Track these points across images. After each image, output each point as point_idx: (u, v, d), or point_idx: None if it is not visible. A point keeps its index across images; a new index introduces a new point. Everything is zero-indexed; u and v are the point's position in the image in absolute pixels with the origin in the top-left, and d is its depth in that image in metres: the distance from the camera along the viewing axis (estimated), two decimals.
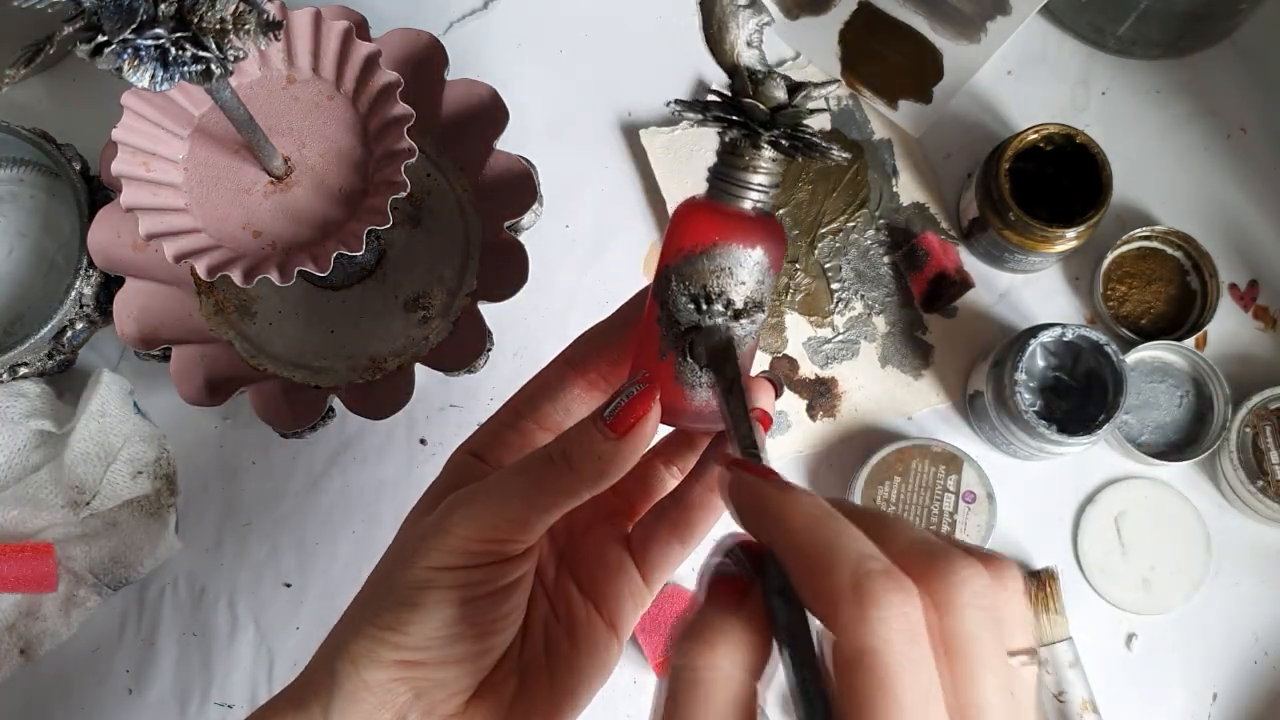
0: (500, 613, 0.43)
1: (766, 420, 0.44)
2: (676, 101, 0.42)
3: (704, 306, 0.41)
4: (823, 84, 0.41)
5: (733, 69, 0.42)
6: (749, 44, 0.42)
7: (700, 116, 0.41)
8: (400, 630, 0.41)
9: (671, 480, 0.48)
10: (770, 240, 0.42)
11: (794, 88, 0.41)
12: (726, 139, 0.41)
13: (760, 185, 0.42)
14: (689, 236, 0.42)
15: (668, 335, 0.42)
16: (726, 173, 0.42)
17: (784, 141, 0.41)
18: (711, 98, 0.42)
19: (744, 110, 0.41)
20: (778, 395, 0.45)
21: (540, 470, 0.41)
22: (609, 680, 0.67)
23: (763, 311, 0.42)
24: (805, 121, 0.41)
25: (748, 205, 0.42)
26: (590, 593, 0.47)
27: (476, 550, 0.41)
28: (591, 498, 0.42)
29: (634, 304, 0.46)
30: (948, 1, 0.71)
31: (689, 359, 0.42)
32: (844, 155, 0.42)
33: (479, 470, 0.46)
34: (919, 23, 0.72)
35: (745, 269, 0.42)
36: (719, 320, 0.41)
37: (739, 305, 0.42)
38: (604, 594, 0.46)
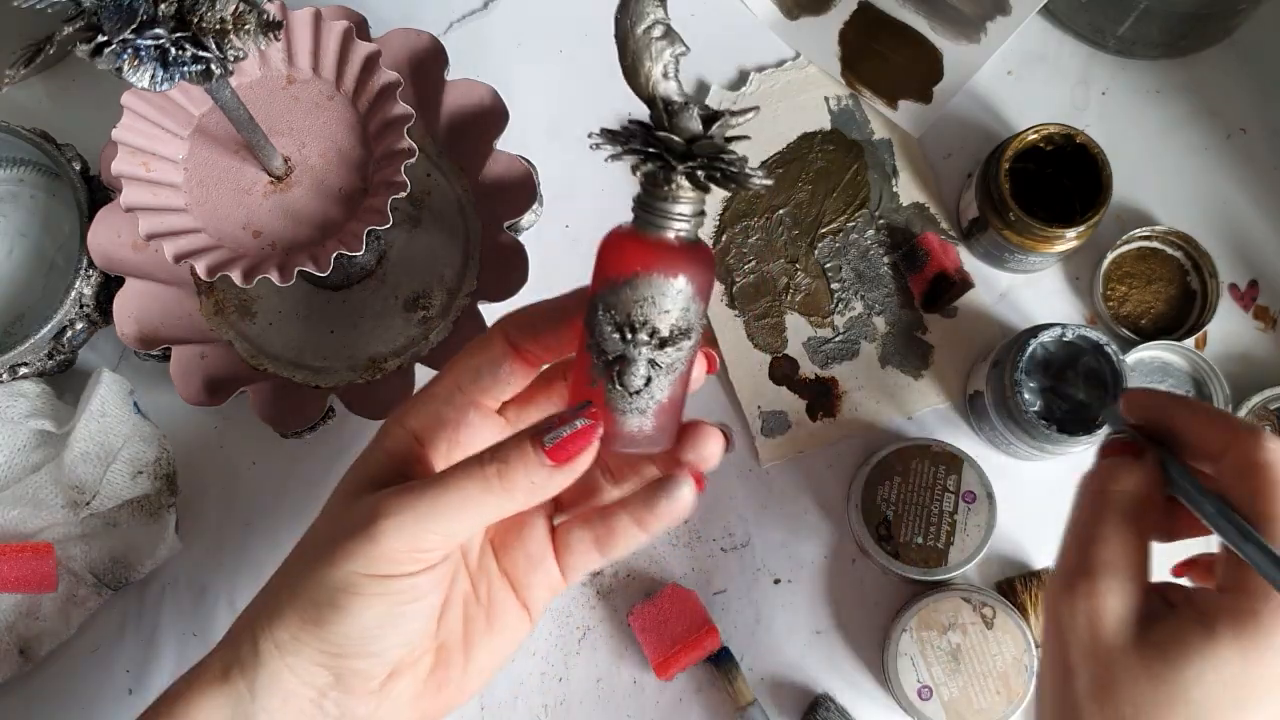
0: (418, 613, 0.44)
1: (698, 479, 0.46)
2: (599, 132, 0.42)
3: (628, 336, 0.42)
4: (741, 111, 0.42)
5: (649, 100, 0.42)
6: (665, 75, 0.42)
7: (616, 149, 0.42)
8: (323, 626, 0.43)
9: (608, 489, 0.49)
10: (694, 267, 0.42)
11: (710, 118, 0.41)
12: (643, 171, 0.42)
13: (681, 215, 0.42)
14: (612, 266, 0.43)
15: (597, 363, 0.43)
16: (648, 203, 0.42)
17: (700, 173, 0.41)
18: (631, 127, 0.42)
19: (660, 142, 0.41)
20: (728, 448, 0.47)
21: (473, 486, 0.42)
22: (609, 680, 0.67)
23: (689, 338, 0.43)
24: (725, 151, 0.41)
25: (670, 235, 0.42)
26: (511, 576, 0.48)
27: (402, 560, 0.43)
28: None
29: (576, 296, 0.47)
30: (948, 1, 0.71)
31: (618, 386, 0.42)
32: (764, 183, 0.42)
33: (413, 451, 0.47)
34: (919, 23, 0.72)
35: (668, 297, 0.42)
36: (643, 349, 0.42)
37: (664, 334, 0.42)
38: (524, 580, 0.48)
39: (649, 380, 0.43)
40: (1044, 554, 0.68)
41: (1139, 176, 0.71)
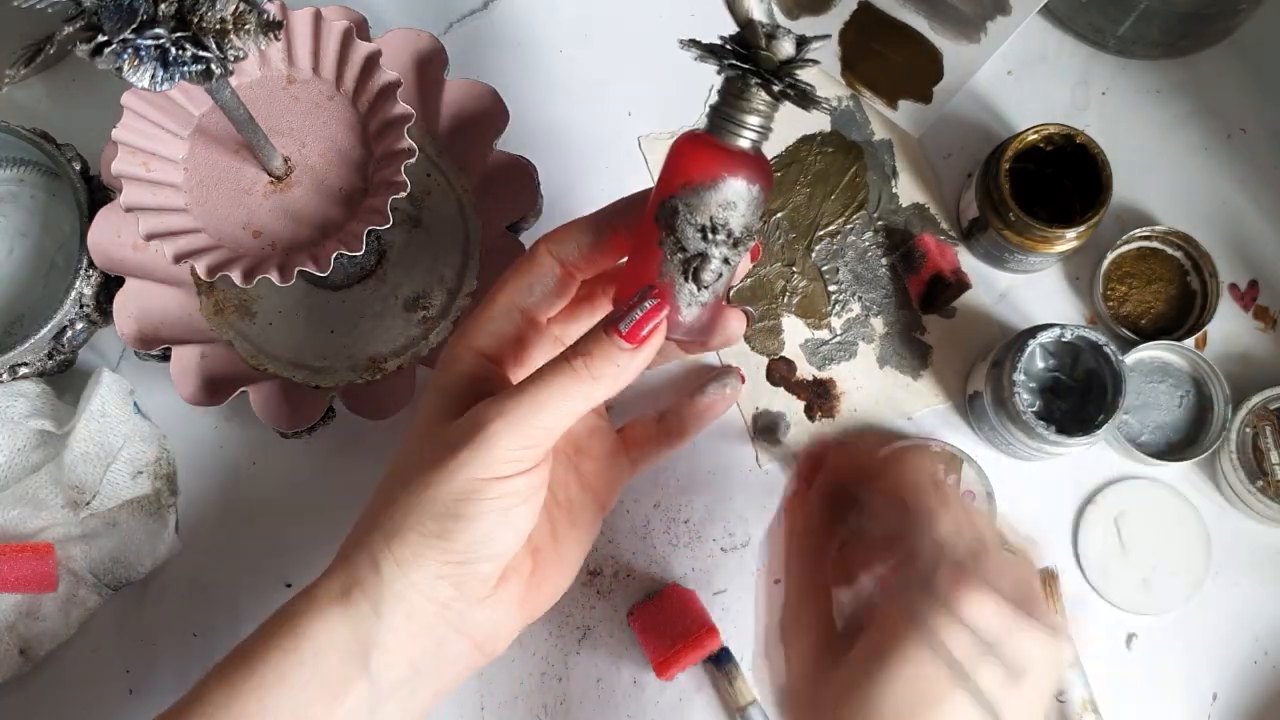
0: (531, 511, 0.47)
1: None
2: (691, 42, 0.46)
3: (709, 236, 0.46)
4: (818, 36, 0.45)
5: (746, 22, 0.45)
6: (760, 1, 0.45)
7: (717, 62, 0.45)
8: (446, 538, 0.46)
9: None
10: (766, 177, 0.46)
11: (801, 41, 0.45)
12: (737, 84, 0.45)
13: (760, 126, 0.46)
14: (697, 170, 0.46)
15: (671, 260, 0.46)
16: (730, 113, 0.46)
17: (790, 91, 0.44)
18: (723, 43, 0.45)
19: (757, 60, 0.44)
20: (750, 323, 0.55)
21: (564, 381, 0.46)
22: (609, 680, 0.67)
23: (753, 240, 0.48)
24: (801, 76, 0.45)
25: (747, 144, 0.46)
26: (584, 474, 0.54)
27: (514, 458, 0.46)
28: None
29: (618, 208, 0.50)
30: (947, 1, 0.71)
31: (691, 281, 0.46)
32: (831, 105, 0.46)
33: (489, 371, 0.50)
34: (919, 23, 0.72)
35: (745, 202, 0.46)
36: (721, 248, 0.46)
37: (737, 234, 0.46)
38: (599, 483, 0.54)
39: (719, 275, 0.47)
40: (1045, 554, 0.68)
41: (1139, 176, 0.71)
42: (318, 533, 0.68)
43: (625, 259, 0.49)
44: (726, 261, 0.46)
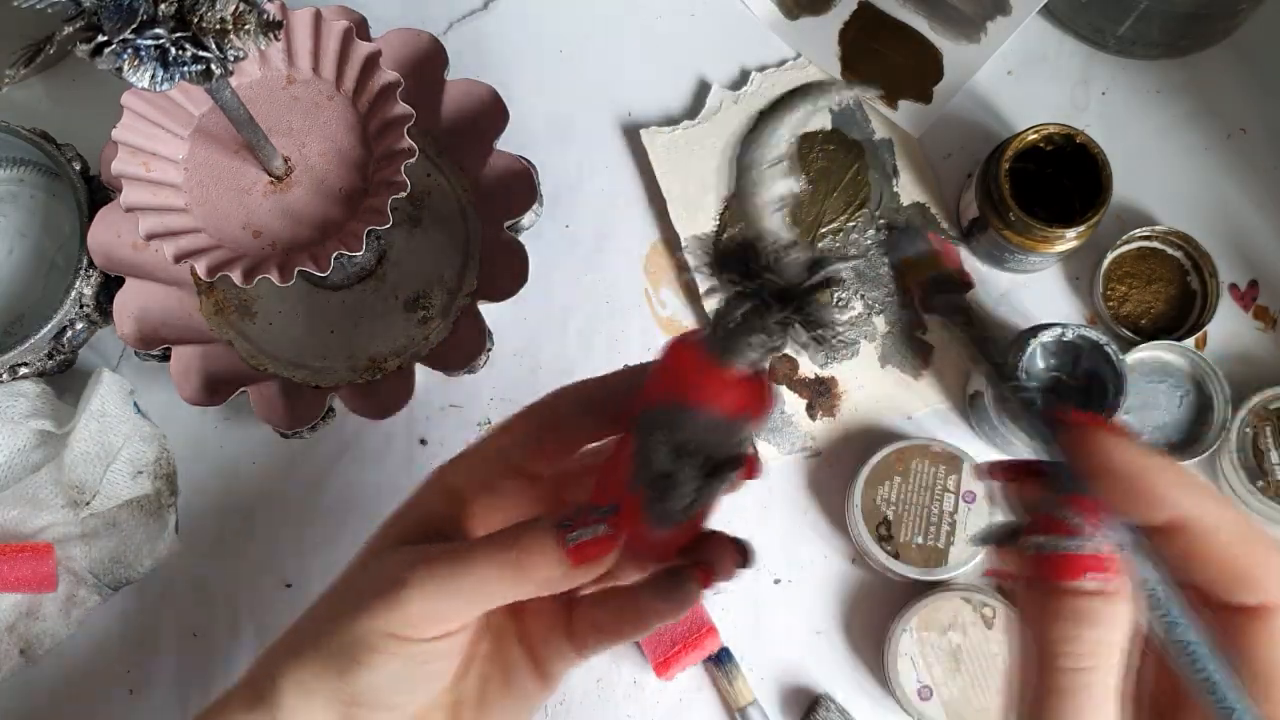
0: (436, 672, 0.45)
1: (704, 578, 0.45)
2: (696, 244, 0.40)
3: (680, 459, 0.41)
4: (844, 257, 0.39)
5: (756, 235, 0.39)
6: (774, 210, 0.39)
7: (715, 281, 0.39)
8: (342, 677, 0.44)
9: (630, 572, 0.48)
10: (760, 406, 0.41)
11: (816, 261, 0.38)
12: (736, 305, 0.39)
13: (764, 351, 0.39)
14: (682, 388, 0.40)
15: (641, 474, 0.41)
16: (731, 331, 0.39)
17: (796, 322, 0.39)
18: (732, 251, 0.39)
19: (761, 281, 0.38)
20: (745, 563, 0.47)
21: (493, 569, 0.43)
22: (609, 680, 0.67)
23: (739, 467, 0.42)
24: (824, 314, 0.39)
25: (745, 368, 0.40)
26: (528, 645, 0.49)
27: (420, 625, 0.43)
28: None
29: (622, 379, 0.46)
30: (948, 1, 0.71)
31: (658, 504, 0.41)
32: (851, 344, 0.39)
33: (450, 512, 0.47)
34: (919, 23, 0.72)
35: (731, 433, 0.41)
36: (693, 476, 0.41)
37: (712, 463, 0.41)
38: (540, 651, 0.48)
39: (691, 502, 0.41)
40: None
41: (1139, 176, 0.71)
42: (317, 533, 0.68)
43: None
44: (699, 492, 0.41)
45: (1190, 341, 0.68)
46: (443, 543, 0.46)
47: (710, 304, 0.69)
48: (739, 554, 0.46)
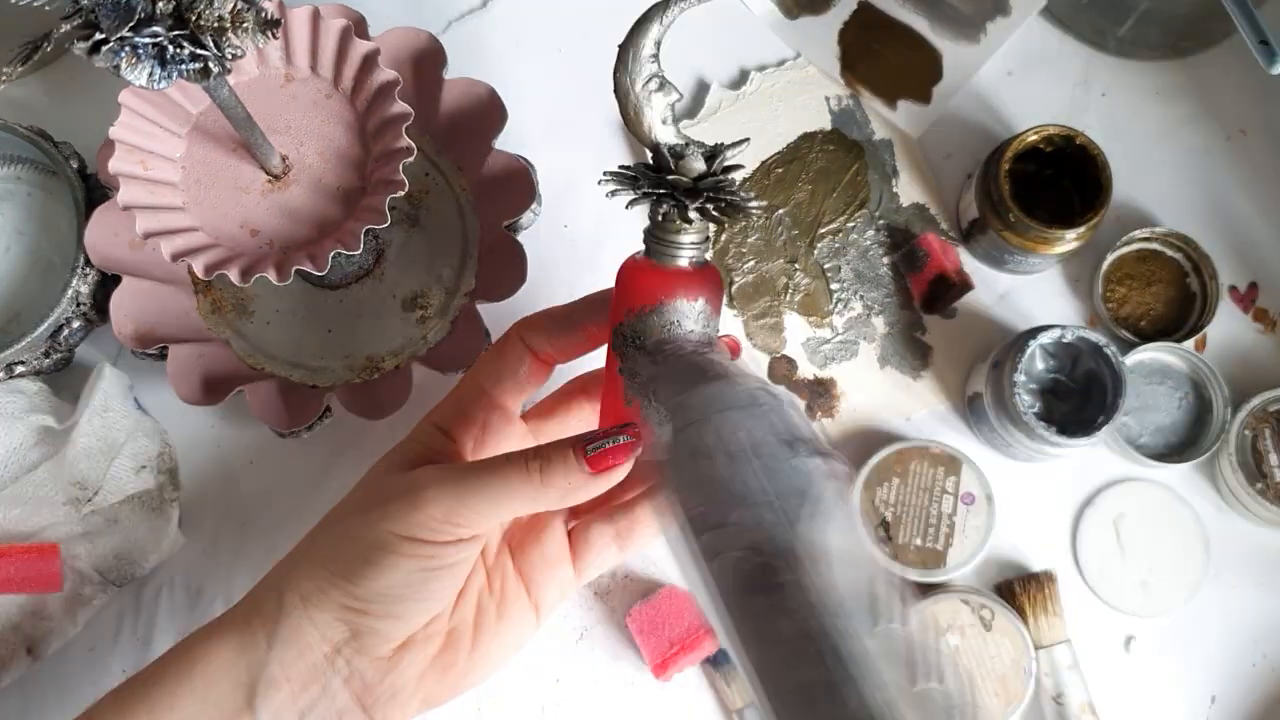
0: (443, 584, 0.47)
1: (735, 347, 0.51)
2: (606, 174, 0.46)
3: (659, 357, 0.46)
4: (734, 144, 0.46)
5: (653, 146, 0.46)
6: (663, 122, 0.46)
7: (632, 194, 0.46)
8: (353, 580, 0.46)
9: (625, 490, 0.52)
10: (709, 289, 0.47)
11: (711, 154, 0.46)
12: (657, 209, 0.46)
13: (693, 243, 0.46)
14: (636, 296, 0.46)
15: (631, 384, 0.46)
16: (662, 236, 0.46)
17: (709, 207, 0.45)
18: (637, 170, 0.46)
19: (669, 184, 0.45)
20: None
21: (514, 476, 0.46)
22: (606, 681, 0.67)
23: (711, 346, 0.47)
24: (727, 186, 0.45)
25: (684, 262, 0.47)
26: (524, 575, 0.52)
27: (438, 528, 0.46)
28: None
29: (589, 304, 0.51)
30: (948, 2, 0.71)
31: (654, 402, 0.46)
32: (759, 204, 0.46)
33: (445, 447, 0.51)
34: (919, 23, 0.72)
35: (690, 319, 0.46)
36: None
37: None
38: (537, 579, 0.52)
39: None
40: (1042, 556, 0.67)
41: (1139, 178, 0.71)
42: None
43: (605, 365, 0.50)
44: None
45: (1190, 343, 0.68)
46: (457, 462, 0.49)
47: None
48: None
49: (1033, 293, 0.70)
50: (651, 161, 0.46)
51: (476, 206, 0.68)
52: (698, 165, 0.45)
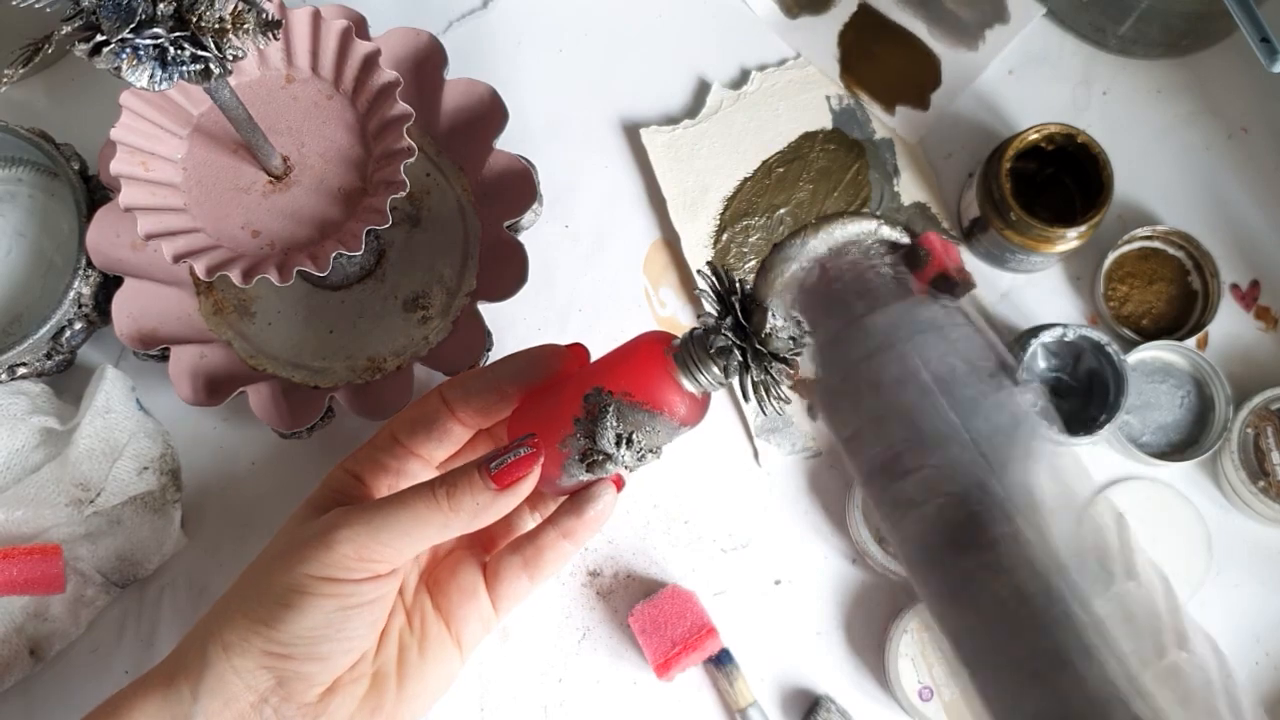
0: (363, 622, 0.47)
1: (618, 482, 0.51)
2: (707, 271, 0.46)
3: (622, 448, 0.47)
4: (806, 338, 0.46)
5: (760, 302, 0.45)
6: (779, 292, 0.45)
7: (718, 317, 0.46)
8: (272, 625, 0.46)
9: (531, 521, 0.54)
10: (698, 420, 0.48)
11: (794, 342, 0.46)
12: (724, 348, 0.46)
13: (721, 382, 0.47)
14: (644, 391, 0.47)
15: (576, 440, 0.48)
16: (701, 360, 0.47)
17: (760, 385, 0.46)
18: (733, 293, 0.46)
19: (750, 343, 0.45)
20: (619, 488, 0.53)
21: (422, 505, 0.47)
22: (608, 681, 0.67)
23: (657, 457, 0.49)
24: (778, 383, 0.46)
25: (698, 391, 0.47)
26: (444, 611, 0.52)
27: (353, 565, 0.46)
28: None
29: (508, 370, 0.51)
30: (947, 8, 0.71)
31: (585, 469, 0.48)
32: (784, 402, 0.46)
33: (357, 490, 0.52)
34: (918, 28, 0.72)
35: (669, 435, 0.48)
36: (628, 459, 0.48)
37: (645, 453, 0.48)
38: (456, 614, 0.52)
39: (609, 473, 0.49)
40: None
41: (1140, 176, 0.71)
42: None
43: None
44: (626, 469, 0.48)
45: (1191, 342, 0.68)
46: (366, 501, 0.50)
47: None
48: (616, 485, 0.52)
49: (1034, 291, 0.70)
50: (743, 305, 0.46)
51: (477, 207, 0.68)
52: (779, 344, 0.45)
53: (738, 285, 0.46)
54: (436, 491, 0.47)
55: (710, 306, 0.46)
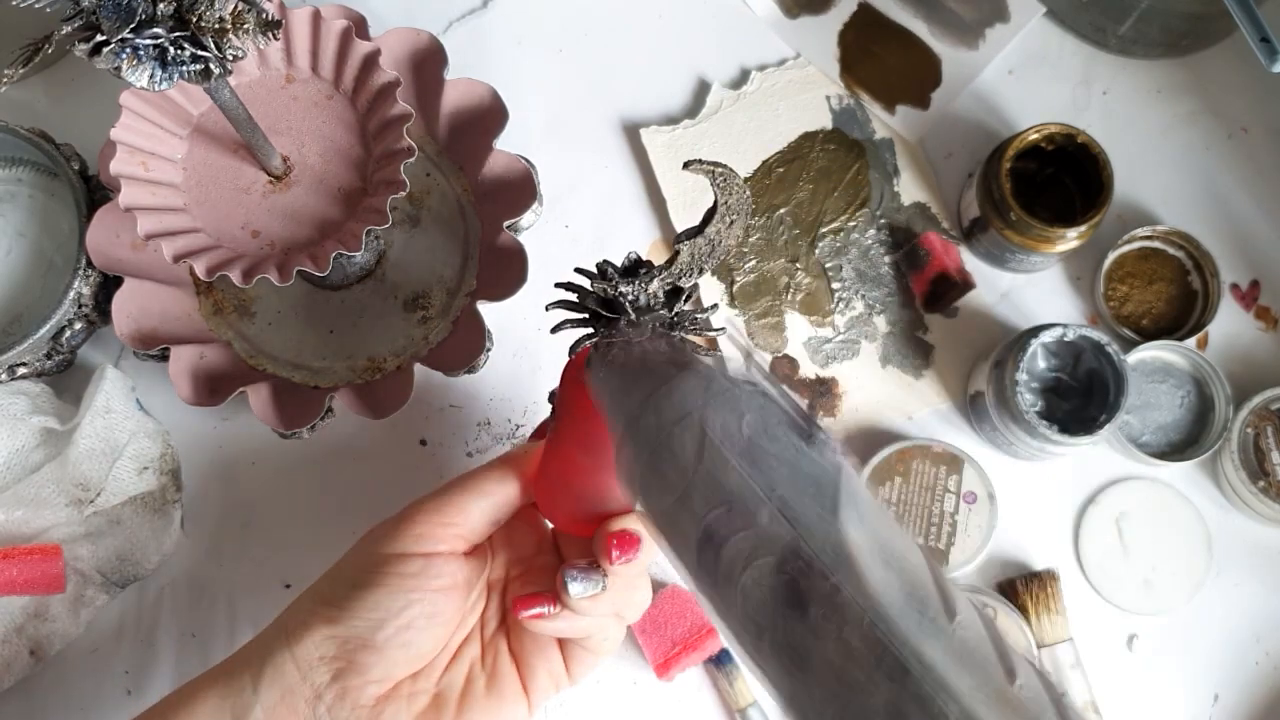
0: (422, 612, 0.47)
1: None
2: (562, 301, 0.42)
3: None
4: (681, 278, 0.42)
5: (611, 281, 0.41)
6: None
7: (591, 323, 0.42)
8: (335, 604, 0.47)
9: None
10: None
11: (670, 289, 0.41)
12: (604, 343, 0.42)
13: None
14: (577, 412, 0.44)
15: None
16: (600, 359, 0.42)
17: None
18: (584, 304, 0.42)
19: (625, 313, 0.40)
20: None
21: (491, 472, 0.50)
22: (609, 681, 0.67)
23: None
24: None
25: None
26: (517, 656, 0.52)
27: (425, 534, 0.47)
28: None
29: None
30: (947, 7, 0.71)
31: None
32: (716, 335, 0.43)
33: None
34: (919, 27, 0.72)
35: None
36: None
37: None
38: (528, 661, 0.51)
39: None
40: (1045, 555, 0.67)
41: (1140, 176, 0.71)
42: (316, 533, 0.68)
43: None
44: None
45: (1191, 342, 0.68)
46: None
47: (711, 298, 0.69)
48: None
49: (1034, 291, 0.70)
50: (603, 301, 0.41)
51: (477, 207, 0.68)
52: (654, 303, 0.40)
53: (588, 283, 0.41)
54: (495, 463, 0.50)
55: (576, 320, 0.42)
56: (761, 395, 0.35)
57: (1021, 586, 0.66)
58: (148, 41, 0.45)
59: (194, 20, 0.45)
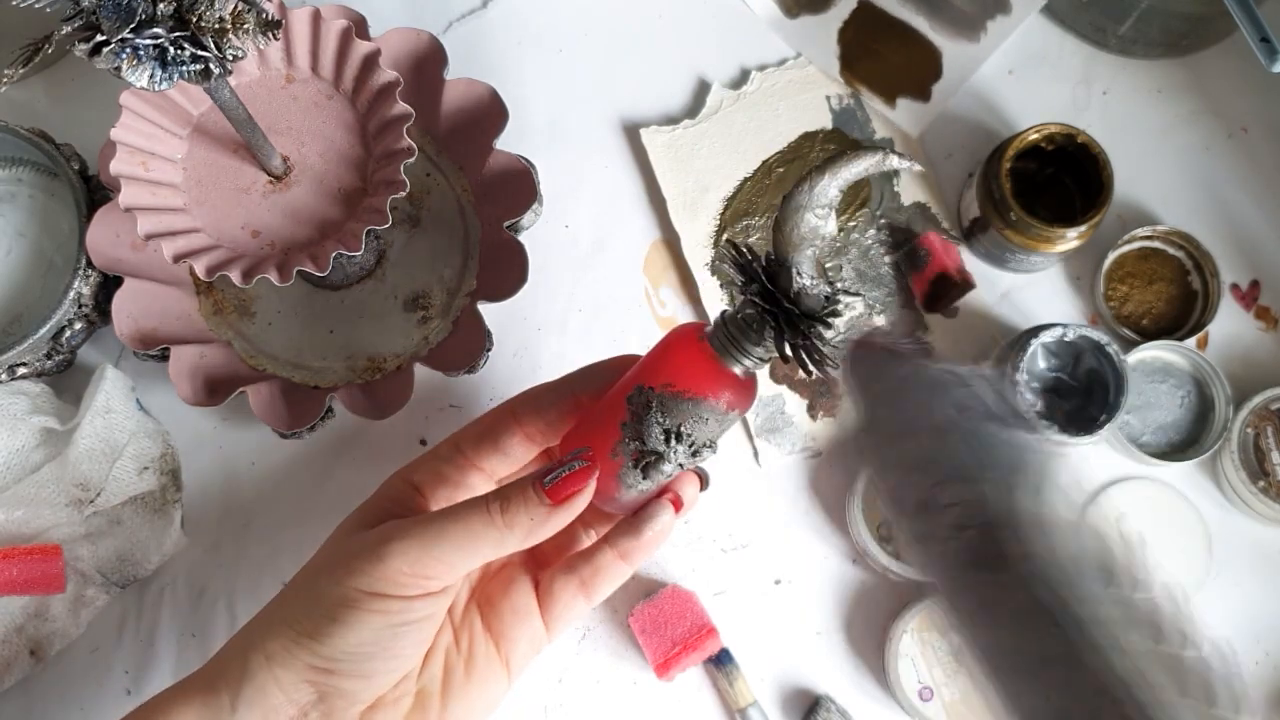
0: (411, 640, 0.46)
1: (677, 503, 0.51)
2: (729, 246, 0.45)
3: (671, 441, 0.46)
4: (849, 292, 0.49)
5: (783, 262, 0.44)
6: (803, 245, 0.44)
7: (743, 289, 0.44)
8: (319, 639, 0.45)
9: (587, 539, 0.53)
10: (748, 402, 0.46)
11: (829, 299, 0.44)
12: (755, 319, 0.44)
13: (761, 358, 0.46)
14: (684, 379, 0.45)
15: (627, 445, 0.46)
16: (737, 337, 0.45)
17: (802, 352, 0.44)
18: (756, 266, 0.44)
19: (782, 308, 0.44)
20: (703, 487, 0.53)
21: (476, 520, 0.46)
22: (609, 681, 0.67)
23: (714, 451, 0.47)
24: (824, 344, 0.44)
25: (741, 370, 0.46)
26: (494, 631, 0.51)
27: (405, 582, 0.45)
28: None
29: (581, 378, 0.51)
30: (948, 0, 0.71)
31: (637, 470, 0.46)
32: (833, 369, 0.44)
33: (414, 501, 0.51)
34: (919, 21, 0.72)
35: (722, 423, 0.46)
36: (679, 453, 0.46)
37: (699, 447, 0.46)
38: (506, 635, 0.51)
39: (667, 476, 0.47)
40: None
41: (1140, 176, 0.71)
42: (316, 533, 0.67)
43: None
44: (680, 467, 0.47)
45: (1192, 342, 0.68)
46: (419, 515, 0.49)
47: (711, 299, 0.69)
48: (701, 481, 0.52)
49: (1034, 291, 0.70)
50: (767, 270, 0.44)
51: (477, 207, 0.68)
52: (812, 304, 0.44)
53: (760, 253, 0.45)
54: (490, 506, 0.46)
55: (737, 281, 0.45)
56: (986, 384, 0.42)
57: None
58: (148, 41, 0.45)
59: (194, 20, 0.45)
